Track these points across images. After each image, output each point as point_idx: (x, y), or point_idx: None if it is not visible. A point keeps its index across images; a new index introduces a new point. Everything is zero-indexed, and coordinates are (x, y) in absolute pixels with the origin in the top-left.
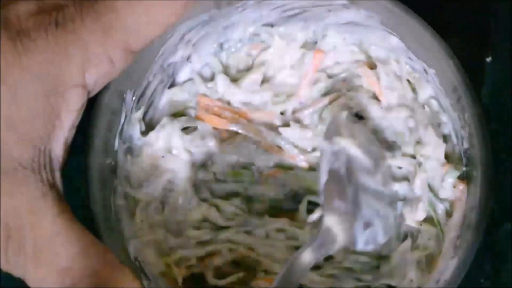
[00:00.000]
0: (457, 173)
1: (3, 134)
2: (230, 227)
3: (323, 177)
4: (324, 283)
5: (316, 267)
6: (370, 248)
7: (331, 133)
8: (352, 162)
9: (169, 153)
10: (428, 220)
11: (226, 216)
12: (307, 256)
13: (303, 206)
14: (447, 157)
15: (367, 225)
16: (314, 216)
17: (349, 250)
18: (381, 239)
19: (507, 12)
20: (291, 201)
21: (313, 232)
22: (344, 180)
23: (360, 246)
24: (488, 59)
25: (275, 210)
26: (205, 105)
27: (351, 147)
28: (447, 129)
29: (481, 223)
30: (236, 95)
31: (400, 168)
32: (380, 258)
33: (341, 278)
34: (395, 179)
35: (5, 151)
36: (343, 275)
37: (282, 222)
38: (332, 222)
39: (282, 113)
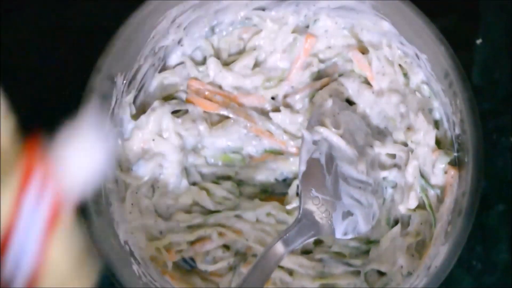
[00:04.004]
0: (448, 159)
1: None
2: (220, 211)
3: (302, 167)
4: (314, 268)
5: (306, 252)
6: (349, 237)
7: (313, 122)
8: (334, 152)
9: (160, 136)
10: (420, 204)
11: (216, 200)
12: (280, 247)
13: (292, 190)
14: (439, 142)
15: (347, 214)
16: (291, 206)
17: None
18: (362, 228)
19: None
20: (282, 184)
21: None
22: (323, 169)
23: (339, 235)
24: (478, 41)
25: (266, 193)
26: (196, 88)
27: (333, 137)
28: (439, 114)
29: (472, 208)
30: (227, 79)
31: (392, 156)
32: (369, 243)
33: (331, 263)
34: (385, 166)
35: None
36: (332, 259)
37: (271, 206)
38: (309, 212)
39: (273, 98)
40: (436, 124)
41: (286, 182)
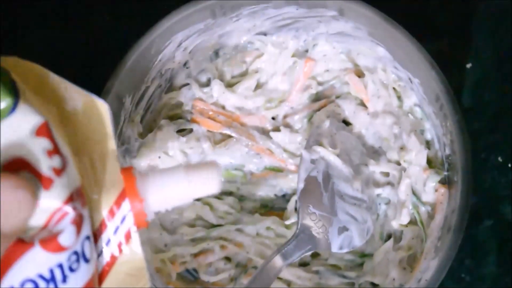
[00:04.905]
0: (438, 178)
1: None
2: (223, 225)
3: (300, 185)
4: (311, 279)
5: (303, 264)
6: (344, 251)
7: (312, 142)
8: (330, 170)
9: (166, 154)
10: (412, 220)
11: (219, 215)
12: (279, 260)
13: (290, 206)
14: (430, 161)
15: (343, 229)
16: (289, 221)
17: None
18: (357, 242)
19: (487, 22)
20: (281, 200)
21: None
22: (321, 187)
23: (335, 249)
24: (468, 65)
25: (266, 208)
26: (201, 108)
27: (330, 156)
28: (430, 135)
29: (461, 225)
30: (230, 100)
31: (386, 174)
32: (364, 256)
33: (327, 275)
34: (379, 184)
35: None
36: (328, 272)
37: (271, 220)
38: (307, 227)
39: (273, 118)
40: (428, 144)
41: (285, 197)
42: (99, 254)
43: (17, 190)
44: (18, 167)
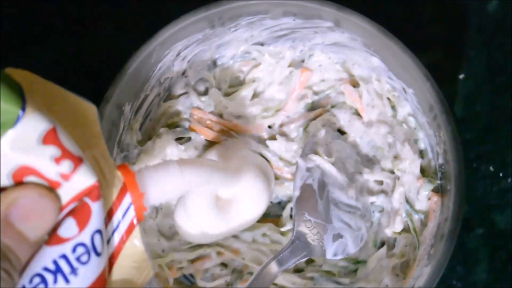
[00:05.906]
0: (431, 186)
1: None
2: None
3: (296, 193)
4: (305, 285)
5: (298, 270)
6: (339, 258)
7: (307, 151)
8: (326, 178)
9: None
10: (405, 228)
11: None
12: (275, 266)
13: (286, 213)
14: (423, 170)
15: (337, 237)
16: (285, 228)
17: None
18: (351, 249)
19: (479, 34)
20: (277, 207)
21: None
22: (316, 195)
23: (329, 256)
24: (461, 76)
25: (262, 215)
26: (199, 117)
27: (325, 164)
28: (424, 144)
29: (453, 233)
30: (228, 109)
31: (380, 182)
32: (357, 262)
33: (321, 281)
34: (373, 192)
35: None
36: (322, 278)
37: (267, 227)
38: (302, 234)
39: (270, 127)
40: (421, 153)
41: (281, 205)
42: None
43: (42, 198)
44: (25, 173)
